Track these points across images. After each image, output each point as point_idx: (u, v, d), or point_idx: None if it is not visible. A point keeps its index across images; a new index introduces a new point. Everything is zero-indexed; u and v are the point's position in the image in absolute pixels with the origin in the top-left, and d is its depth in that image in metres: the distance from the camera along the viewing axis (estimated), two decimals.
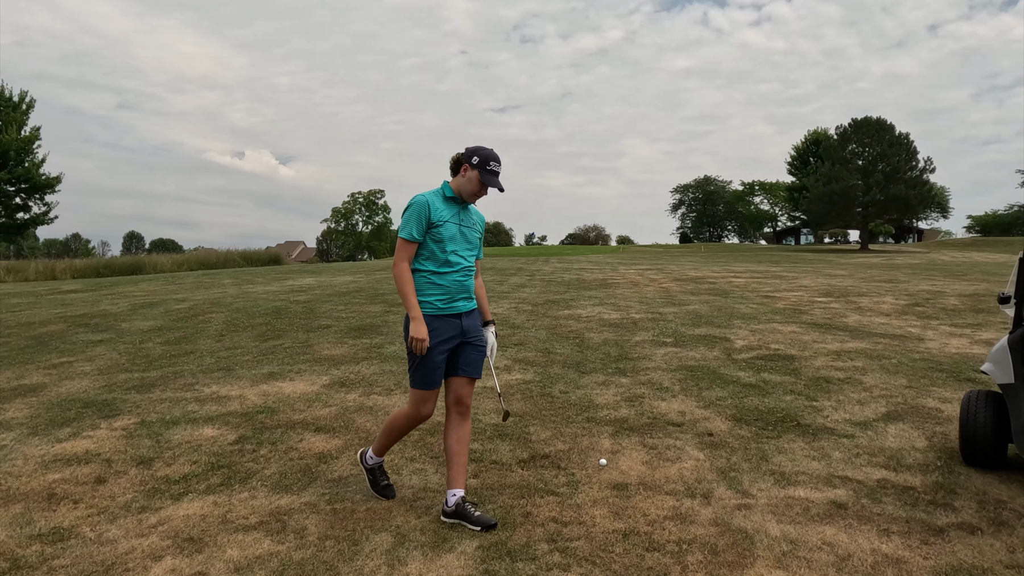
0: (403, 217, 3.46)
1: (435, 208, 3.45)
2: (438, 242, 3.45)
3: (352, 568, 3.04)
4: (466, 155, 3.49)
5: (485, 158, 3.46)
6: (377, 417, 5.20)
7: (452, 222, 3.47)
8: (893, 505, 3.66)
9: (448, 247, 3.46)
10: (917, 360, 7.07)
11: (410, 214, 3.42)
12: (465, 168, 3.48)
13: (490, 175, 3.47)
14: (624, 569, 3.02)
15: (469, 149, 3.51)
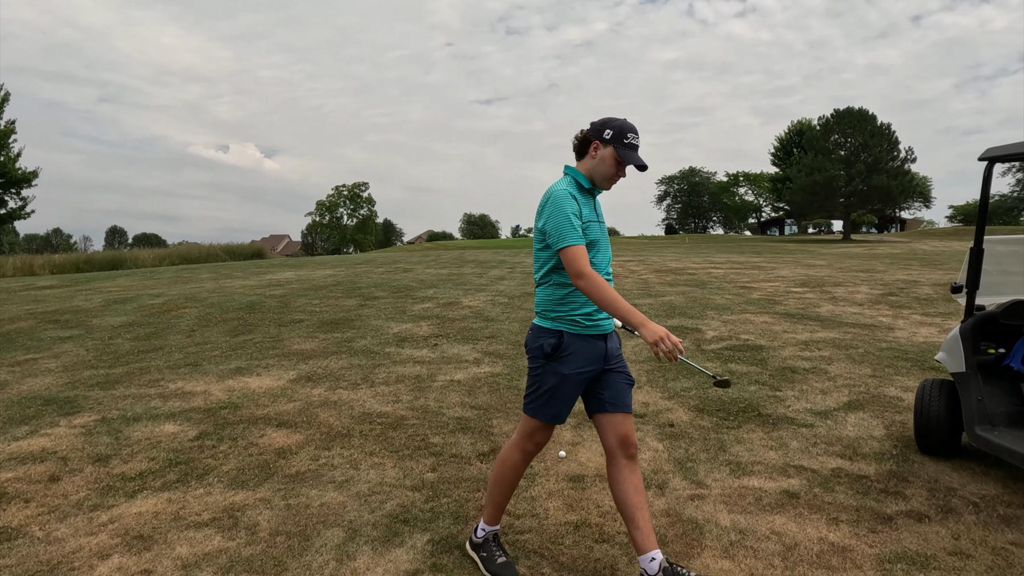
0: (551, 223, 2.71)
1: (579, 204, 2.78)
2: None
3: (300, 564, 3.03)
4: (595, 130, 2.84)
5: (620, 129, 2.79)
6: (340, 412, 5.18)
7: (594, 221, 2.82)
8: (845, 494, 3.70)
9: (590, 252, 2.77)
10: (884, 349, 7.13)
11: (560, 217, 2.69)
12: (596, 146, 2.82)
13: (628, 150, 2.79)
14: (572, 561, 3.03)
15: (596, 123, 2.86)
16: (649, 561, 2.73)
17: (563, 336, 2.77)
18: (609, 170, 2.82)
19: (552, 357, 2.78)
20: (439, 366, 6.63)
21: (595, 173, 2.85)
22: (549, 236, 2.73)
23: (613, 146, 2.79)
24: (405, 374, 6.32)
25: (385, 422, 4.93)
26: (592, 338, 2.82)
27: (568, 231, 2.68)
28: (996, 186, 75.76)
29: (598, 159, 2.82)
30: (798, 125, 70.88)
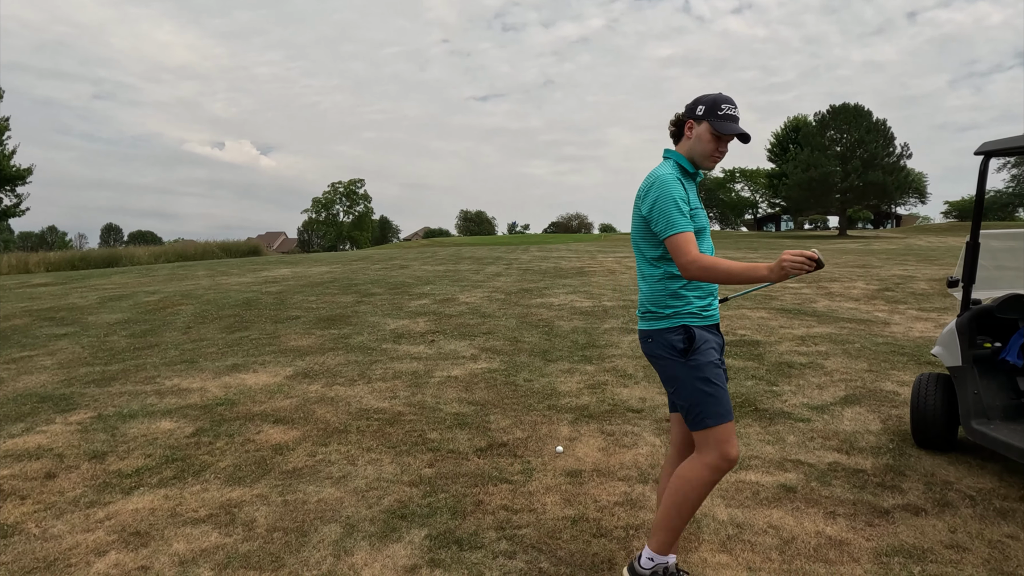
0: (657, 208, 2.53)
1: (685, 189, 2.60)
2: None
3: (298, 559, 3.03)
4: (687, 110, 2.69)
5: (712, 102, 2.64)
6: (337, 408, 5.18)
7: (699, 207, 2.66)
8: (842, 488, 3.71)
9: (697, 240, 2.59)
10: (880, 344, 7.14)
11: (667, 202, 2.51)
12: (690, 126, 2.66)
13: (725, 120, 2.62)
14: (569, 556, 3.03)
15: (689, 103, 2.71)
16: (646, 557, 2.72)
17: (691, 328, 2.57)
18: (708, 147, 2.64)
19: (689, 351, 2.56)
20: (436, 362, 6.63)
21: (694, 153, 2.68)
22: (655, 223, 2.54)
23: (707, 121, 2.62)
24: (402, 370, 6.32)
25: (382, 418, 4.92)
26: (712, 328, 2.67)
27: (676, 216, 2.50)
28: (991, 182, 75.93)
29: (694, 138, 2.66)
30: (794, 121, 70.84)
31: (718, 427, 2.55)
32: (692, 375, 2.55)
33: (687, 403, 2.58)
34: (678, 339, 2.57)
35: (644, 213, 2.59)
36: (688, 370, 2.56)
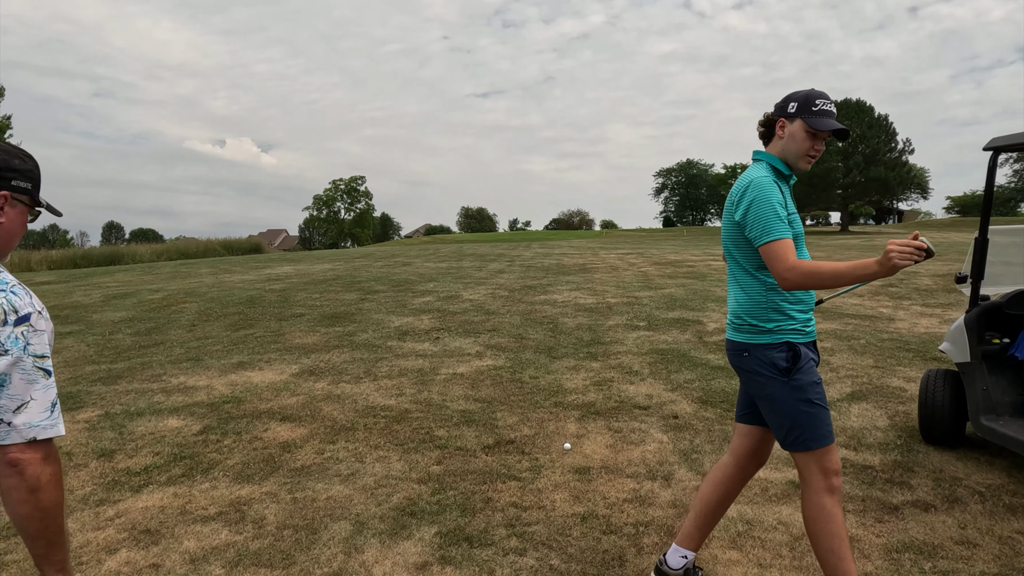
0: (754, 213, 2.34)
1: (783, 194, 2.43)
2: None
3: (308, 557, 3.04)
4: (777, 108, 2.54)
5: (805, 98, 2.47)
6: (344, 405, 5.18)
7: (795, 212, 2.46)
8: (851, 484, 3.71)
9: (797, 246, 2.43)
10: (885, 340, 7.14)
11: (765, 207, 2.33)
12: (782, 124, 2.51)
13: (820, 116, 2.46)
14: (580, 552, 3.03)
15: (778, 103, 2.56)
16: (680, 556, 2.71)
17: (795, 345, 2.40)
18: (802, 146, 2.48)
19: (792, 370, 2.38)
20: (441, 359, 6.63)
21: (788, 154, 2.51)
22: (750, 229, 2.36)
23: (801, 118, 2.46)
24: (408, 367, 6.32)
25: (389, 415, 4.93)
26: (811, 345, 2.50)
27: (775, 222, 2.31)
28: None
29: (787, 137, 2.50)
30: None
31: (820, 449, 2.39)
32: (794, 396, 2.38)
33: (787, 424, 2.41)
34: (781, 357, 2.39)
35: (738, 219, 2.41)
36: (790, 390, 2.38)
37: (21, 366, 1.40)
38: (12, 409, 1.38)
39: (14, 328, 1.41)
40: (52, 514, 1.43)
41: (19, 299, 1.43)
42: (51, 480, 1.42)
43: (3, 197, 1.50)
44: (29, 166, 1.58)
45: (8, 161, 1.51)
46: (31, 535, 1.44)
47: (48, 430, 1.41)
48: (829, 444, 2.39)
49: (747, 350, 2.46)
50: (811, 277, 2.24)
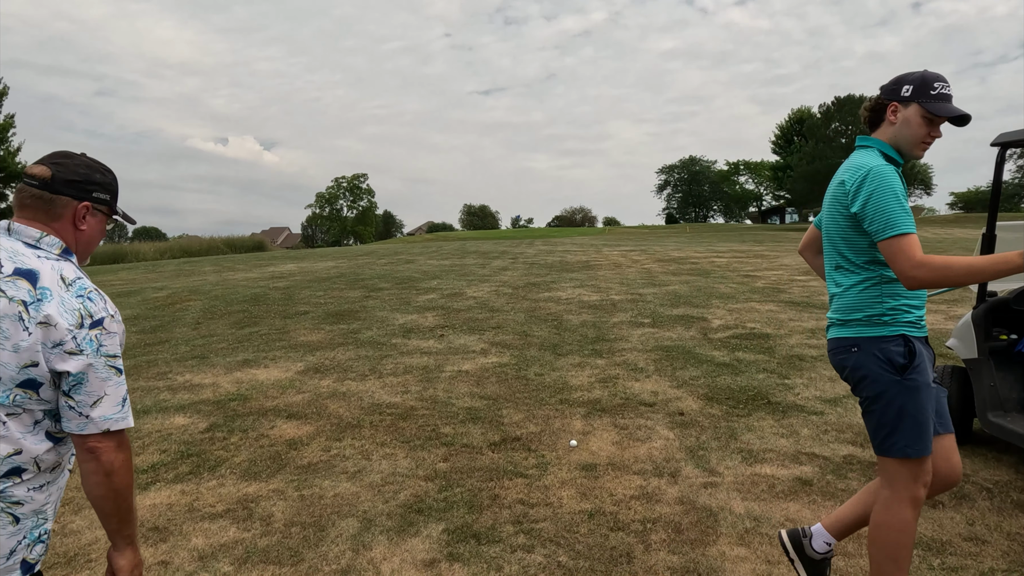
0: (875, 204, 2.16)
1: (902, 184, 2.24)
2: None
3: (317, 554, 3.04)
4: (889, 90, 2.34)
5: (922, 81, 2.28)
6: (350, 403, 5.19)
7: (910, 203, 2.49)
8: (858, 481, 3.70)
9: None
10: None
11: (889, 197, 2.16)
12: (894, 108, 2.32)
13: (939, 101, 2.26)
14: (588, 549, 3.04)
15: (887, 85, 2.37)
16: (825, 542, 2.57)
17: (912, 340, 2.24)
18: (918, 132, 2.29)
19: (908, 367, 2.21)
20: (446, 357, 6.63)
21: (900, 140, 2.32)
22: (871, 221, 2.18)
23: (918, 103, 2.27)
24: (413, 365, 6.32)
25: (395, 413, 4.93)
26: (924, 341, 2.32)
27: (900, 215, 2.13)
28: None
29: (900, 123, 2.31)
30: (798, 113, 70.65)
31: (917, 459, 2.24)
32: (905, 396, 2.21)
33: (888, 425, 2.24)
34: (898, 351, 2.21)
35: (856, 210, 2.22)
36: (902, 389, 2.21)
37: (95, 367, 1.55)
38: (89, 404, 1.54)
39: (89, 331, 1.55)
40: (124, 495, 1.62)
41: (94, 304, 1.58)
42: (123, 466, 1.59)
43: (85, 207, 1.67)
44: (108, 179, 1.75)
45: (90, 175, 1.69)
46: (106, 513, 1.62)
47: (120, 422, 1.58)
48: (928, 455, 2.25)
49: (857, 344, 2.28)
50: (943, 272, 2.07)
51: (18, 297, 1.50)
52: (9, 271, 1.52)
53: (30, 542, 1.56)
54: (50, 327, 1.50)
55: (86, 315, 1.55)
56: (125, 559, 1.67)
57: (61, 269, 1.58)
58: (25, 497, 1.53)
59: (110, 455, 1.55)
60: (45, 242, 1.61)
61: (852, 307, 2.30)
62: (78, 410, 1.53)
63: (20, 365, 1.49)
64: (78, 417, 1.53)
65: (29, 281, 1.52)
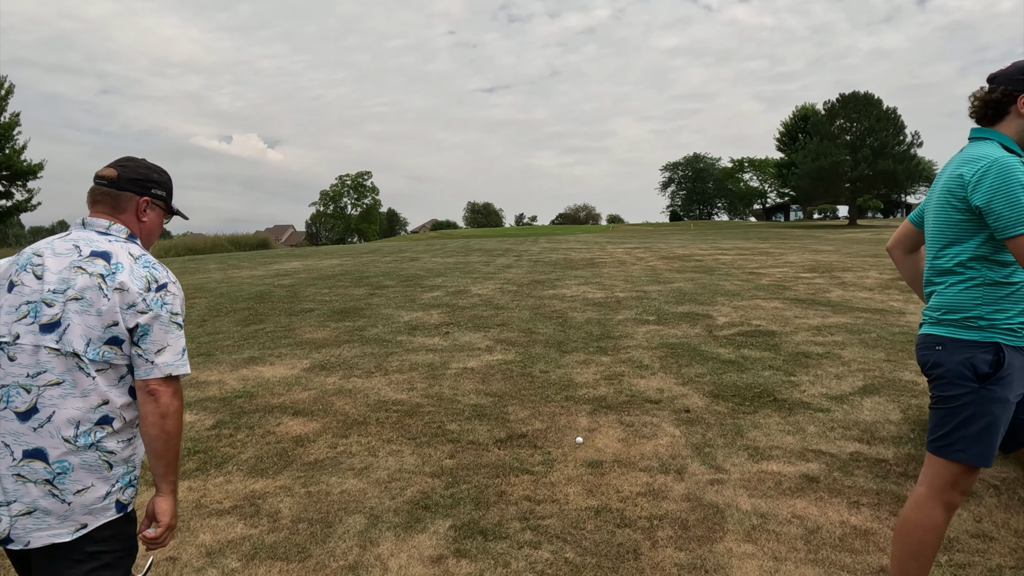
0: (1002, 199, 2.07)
1: None
2: None
3: (324, 550, 3.05)
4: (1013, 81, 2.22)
5: None
6: (356, 400, 5.20)
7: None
8: (864, 478, 3.70)
9: None
10: (897, 334, 7.11)
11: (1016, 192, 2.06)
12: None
13: None
14: (595, 546, 3.04)
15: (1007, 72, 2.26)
16: None
17: (1002, 350, 2.15)
18: None
19: (990, 378, 2.13)
20: (452, 354, 6.64)
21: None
22: (998, 217, 2.07)
23: None
24: (418, 362, 6.33)
25: (401, 409, 4.94)
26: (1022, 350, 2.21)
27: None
28: None
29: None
30: (803, 110, 70.45)
31: (969, 469, 2.20)
32: (978, 405, 2.15)
33: (950, 427, 2.19)
34: (985, 360, 2.15)
35: (979, 203, 2.11)
36: (977, 397, 2.15)
37: (160, 320, 1.85)
38: (154, 351, 1.83)
39: (155, 293, 1.86)
40: (174, 439, 1.86)
41: (158, 272, 1.90)
42: (176, 412, 1.85)
43: (145, 202, 2.01)
44: (164, 179, 2.09)
45: (149, 175, 2.03)
46: (156, 454, 1.85)
47: (179, 368, 1.86)
48: (974, 466, 2.20)
49: (942, 343, 2.23)
50: None
51: (96, 272, 1.83)
52: (87, 253, 1.87)
53: (122, 485, 1.89)
54: (124, 292, 1.82)
55: (152, 281, 1.87)
56: (166, 503, 1.94)
57: (128, 248, 1.93)
58: (116, 448, 1.83)
59: (167, 399, 1.82)
60: (113, 229, 1.96)
61: (949, 307, 2.24)
62: (145, 357, 1.82)
63: (104, 325, 1.80)
64: (145, 363, 1.82)
65: (104, 259, 1.86)
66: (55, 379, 1.78)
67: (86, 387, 1.79)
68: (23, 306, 1.82)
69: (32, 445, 1.76)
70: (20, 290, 1.84)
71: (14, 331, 1.81)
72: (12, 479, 1.76)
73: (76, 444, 1.77)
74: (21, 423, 1.77)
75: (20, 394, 1.78)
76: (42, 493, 1.76)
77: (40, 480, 1.76)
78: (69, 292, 1.82)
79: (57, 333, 1.79)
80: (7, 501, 1.76)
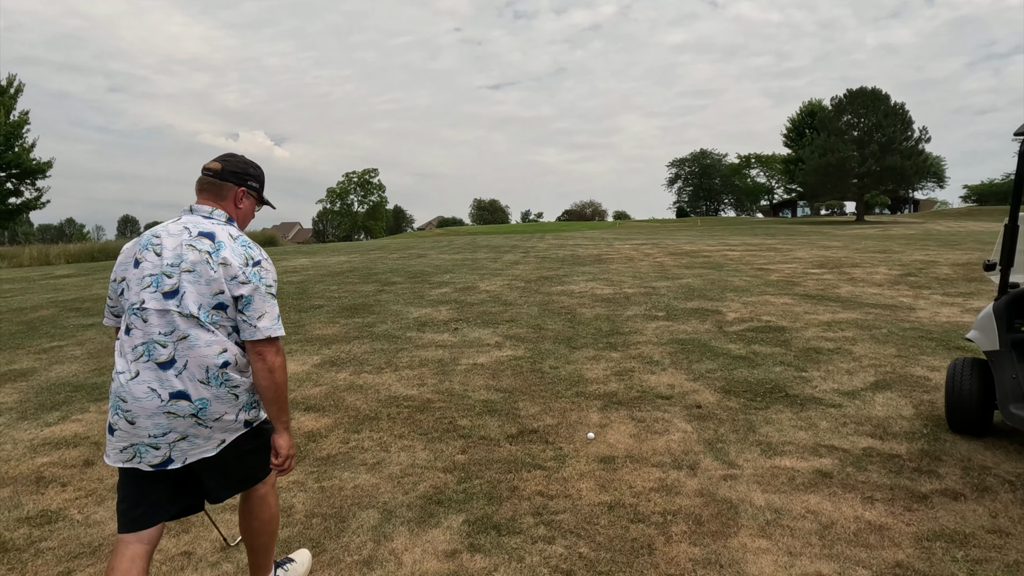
0: None
1: None
2: None
3: (338, 545, 3.06)
4: None
5: None
6: (367, 395, 5.21)
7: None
8: (878, 473, 3.68)
9: None
10: (907, 329, 7.08)
11: None
12: None
13: None
14: (608, 541, 3.04)
15: None
16: None
17: None
18: None
19: None
20: (461, 350, 6.64)
21: None
22: None
23: None
24: (428, 358, 6.34)
25: (412, 405, 4.95)
26: None
27: None
28: (1007, 165, 74.49)
29: None
30: (810, 106, 70.14)
31: None
32: None
33: None
34: None
35: None
36: None
37: (259, 291, 2.24)
38: (256, 317, 2.22)
39: (252, 268, 2.25)
40: (282, 388, 2.31)
41: (253, 251, 2.29)
42: (280, 366, 2.30)
43: (242, 191, 2.42)
44: (258, 173, 2.49)
45: (247, 169, 2.45)
46: (268, 400, 2.31)
47: (277, 331, 2.26)
48: None
49: None
50: None
51: (204, 249, 2.23)
52: (195, 233, 2.26)
53: (247, 408, 2.32)
54: (227, 266, 2.21)
55: (249, 258, 2.26)
56: (283, 439, 2.40)
57: (228, 230, 2.31)
58: (239, 381, 2.26)
59: (271, 357, 2.26)
60: (215, 214, 2.35)
61: None
62: (249, 322, 2.22)
63: (212, 293, 2.20)
64: (249, 328, 2.22)
65: (209, 239, 2.25)
66: (183, 334, 2.18)
67: (208, 339, 2.19)
68: (147, 278, 2.22)
69: (176, 388, 2.17)
70: (144, 266, 2.24)
71: (141, 297, 2.21)
72: (164, 416, 2.17)
73: (209, 384, 2.20)
74: (164, 371, 2.17)
75: (158, 349, 2.18)
76: (190, 424, 2.20)
77: (187, 414, 2.18)
78: (183, 265, 2.21)
79: (177, 299, 2.19)
80: (163, 433, 2.19)
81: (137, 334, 2.20)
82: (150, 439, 2.18)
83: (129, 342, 2.21)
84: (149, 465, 2.22)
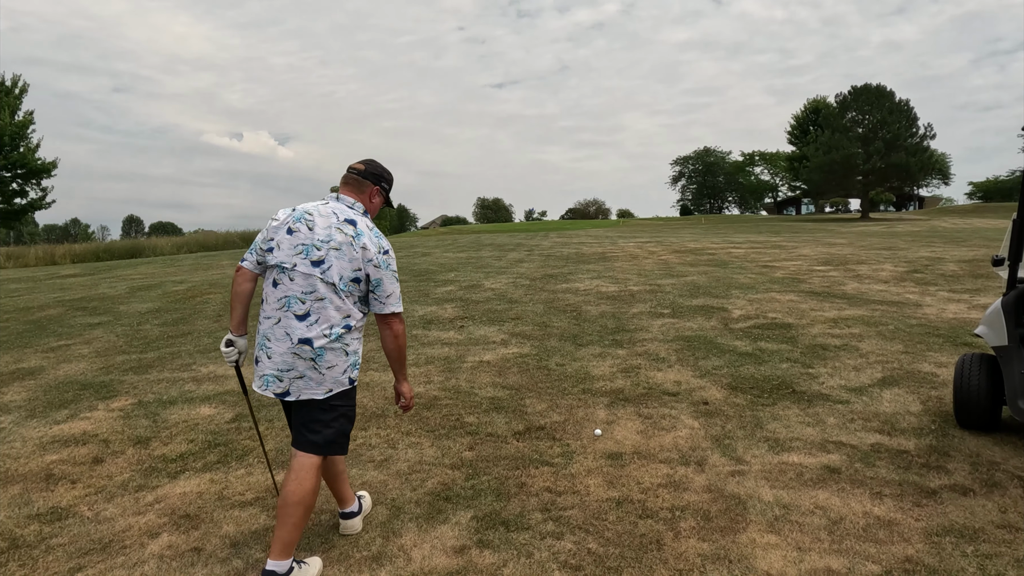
0: None
1: None
2: None
3: (347, 541, 3.06)
4: None
5: None
6: (373, 392, 5.21)
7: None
8: (886, 469, 3.68)
9: None
10: (914, 326, 7.06)
11: None
12: None
13: None
14: (617, 537, 3.04)
15: None
16: None
17: None
18: None
19: None
20: (467, 347, 6.64)
21: None
22: None
23: None
24: (434, 355, 6.34)
25: (419, 402, 4.95)
26: None
27: None
28: (1013, 161, 74.12)
29: None
30: (814, 103, 69.97)
31: None
32: None
33: None
34: None
35: None
36: None
37: (388, 275, 2.82)
38: (385, 296, 2.82)
39: (383, 255, 2.81)
40: (403, 349, 2.96)
41: (383, 241, 2.85)
42: (403, 332, 2.93)
43: (376, 189, 2.98)
44: (390, 177, 3.08)
45: (382, 173, 3.03)
46: (393, 359, 2.97)
47: (400, 307, 2.88)
48: None
49: None
50: None
51: (349, 233, 2.76)
52: (342, 219, 2.79)
53: (352, 366, 2.83)
54: (366, 250, 2.76)
55: (381, 247, 2.82)
56: (405, 386, 3.06)
57: (366, 221, 2.87)
58: (351, 342, 2.80)
59: (397, 326, 2.90)
60: (356, 206, 2.89)
61: None
62: (379, 299, 2.82)
63: (352, 269, 2.75)
64: (380, 304, 2.83)
65: (352, 226, 2.79)
66: (321, 296, 2.72)
67: (339, 304, 2.74)
68: (299, 246, 2.74)
69: (304, 336, 2.69)
70: (296, 235, 2.75)
71: (292, 261, 2.73)
72: (291, 355, 2.71)
73: (330, 338, 2.71)
74: (298, 322, 2.71)
75: (297, 303, 2.72)
76: (308, 367, 2.72)
77: (307, 358, 2.70)
78: (331, 243, 2.73)
79: (322, 268, 2.71)
80: (288, 369, 2.72)
81: (282, 288, 2.74)
82: (277, 372, 2.73)
83: (274, 294, 2.76)
84: (273, 393, 2.77)
